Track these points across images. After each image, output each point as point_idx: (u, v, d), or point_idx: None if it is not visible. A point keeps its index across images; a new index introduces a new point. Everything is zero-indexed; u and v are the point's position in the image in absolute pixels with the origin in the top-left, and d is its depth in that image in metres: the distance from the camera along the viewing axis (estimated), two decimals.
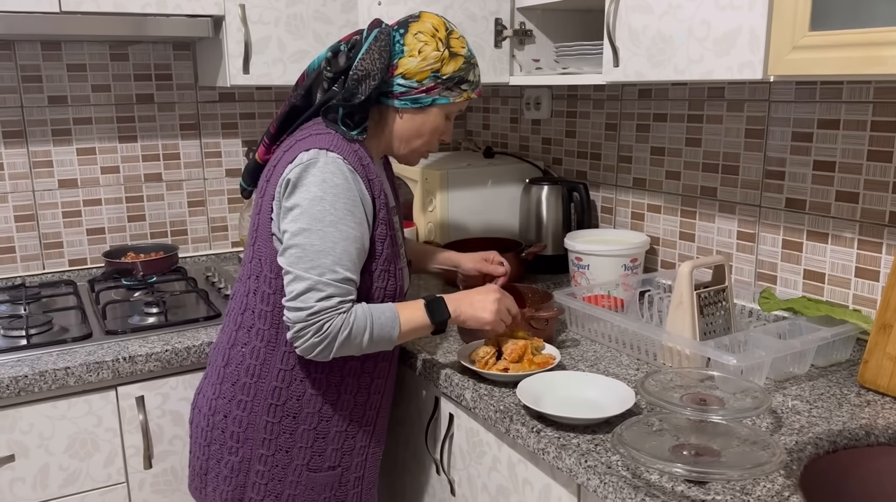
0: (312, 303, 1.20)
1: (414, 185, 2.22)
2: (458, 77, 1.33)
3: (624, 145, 2.04)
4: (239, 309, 1.36)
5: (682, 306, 1.44)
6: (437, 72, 1.30)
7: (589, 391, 1.33)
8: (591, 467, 1.10)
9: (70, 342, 1.63)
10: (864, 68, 1.08)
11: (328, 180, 1.22)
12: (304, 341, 1.22)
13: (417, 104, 1.32)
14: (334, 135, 1.28)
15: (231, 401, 1.34)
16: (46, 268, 2.14)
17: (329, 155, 1.24)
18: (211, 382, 1.39)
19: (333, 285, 1.21)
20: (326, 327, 1.21)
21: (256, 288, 1.32)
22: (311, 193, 1.22)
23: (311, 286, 1.20)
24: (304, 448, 1.34)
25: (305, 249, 1.21)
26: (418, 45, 1.29)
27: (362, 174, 1.27)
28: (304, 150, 1.25)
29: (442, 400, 1.51)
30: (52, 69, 2.07)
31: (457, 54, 1.32)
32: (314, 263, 1.21)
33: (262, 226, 1.31)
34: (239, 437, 1.34)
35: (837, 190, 1.54)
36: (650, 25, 1.43)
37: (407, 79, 1.30)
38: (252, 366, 1.33)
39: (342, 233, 1.22)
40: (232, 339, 1.36)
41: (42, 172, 2.10)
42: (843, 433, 1.20)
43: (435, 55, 1.30)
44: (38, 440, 1.54)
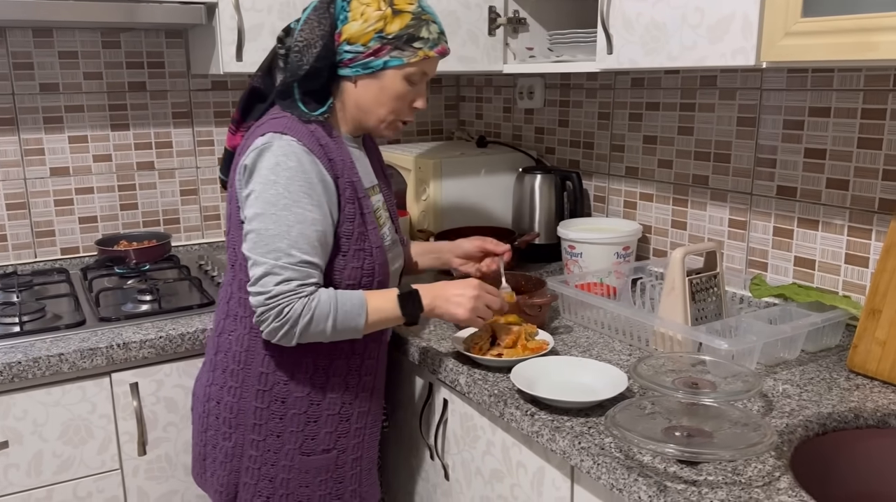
0: (271, 286, 1.19)
1: (407, 174, 2.22)
2: (407, 35, 1.27)
3: (616, 134, 2.05)
4: (225, 297, 1.37)
5: (675, 292, 1.46)
6: (380, 31, 1.26)
7: (582, 375, 1.34)
8: (584, 449, 1.11)
9: (63, 329, 1.62)
10: (856, 54, 1.09)
11: (281, 163, 1.21)
12: (266, 325, 1.21)
13: (369, 69, 1.28)
14: (289, 118, 1.26)
15: (222, 388, 1.35)
16: (38, 257, 2.14)
17: (283, 138, 1.22)
18: (206, 370, 1.40)
19: (290, 268, 1.20)
20: (286, 311, 1.20)
21: (234, 276, 1.33)
22: (264, 177, 1.21)
23: (268, 270, 1.20)
24: (296, 432, 1.34)
25: (261, 234, 1.21)
26: (361, 8, 1.26)
27: (321, 154, 1.25)
28: (259, 136, 1.24)
29: (436, 385, 1.52)
30: (43, 56, 2.06)
31: (402, 11, 1.27)
32: (270, 247, 1.20)
33: (234, 215, 1.31)
34: (231, 423, 1.34)
35: (828, 177, 1.56)
36: (644, 12, 1.44)
37: (352, 44, 1.27)
38: (238, 353, 1.33)
39: (297, 215, 1.21)
40: (220, 327, 1.37)
41: (34, 160, 2.09)
42: (833, 416, 1.21)
43: (377, 14, 1.25)
44: (31, 426, 1.54)
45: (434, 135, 2.68)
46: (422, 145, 2.42)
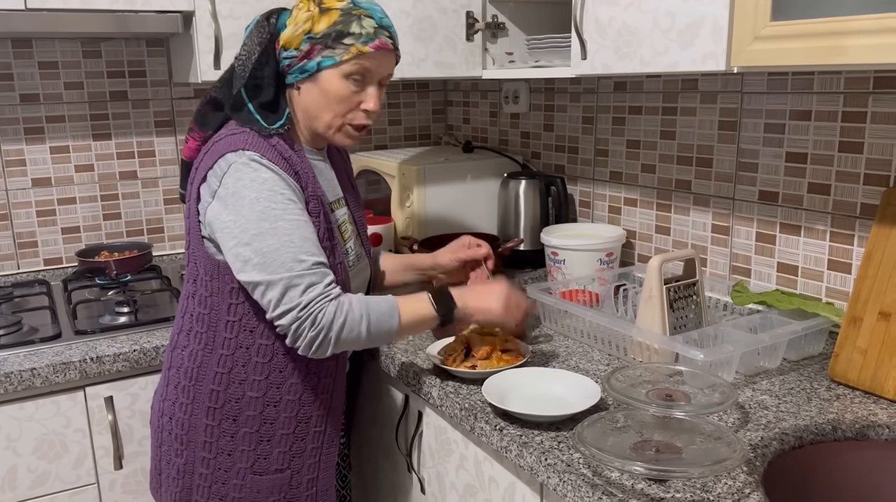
0: (298, 299, 1.16)
1: (391, 180, 2.20)
2: (335, 32, 1.22)
3: (600, 138, 2.03)
4: (180, 312, 1.34)
5: (652, 300, 1.43)
6: (308, 32, 1.23)
7: (555, 387, 1.32)
8: (550, 465, 1.08)
9: (38, 342, 1.61)
10: (826, 58, 1.06)
11: (256, 178, 1.18)
12: (303, 339, 1.17)
13: (305, 73, 1.25)
14: (248, 134, 1.23)
15: (174, 404, 1.32)
16: (21, 268, 2.13)
17: (245, 153, 1.20)
18: (161, 384, 1.38)
19: (309, 274, 1.17)
20: (320, 318, 1.16)
21: (194, 291, 1.30)
22: (246, 198, 1.17)
23: (287, 285, 1.16)
24: (247, 451, 1.30)
25: (264, 254, 1.16)
26: (294, 13, 1.25)
27: (285, 168, 1.23)
28: (219, 156, 1.21)
29: (411, 397, 1.50)
30: (23, 67, 2.05)
31: (329, 8, 1.23)
32: (279, 262, 1.16)
33: (193, 230, 1.27)
34: (182, 440, 1.31)
35: (809, 181, 1.53)
36: (616, 17, 1.41)
37: (287, 49, 1.25)
38: (190, 369, 1.30)
39: (292, 223, 1.18)
40: (174, 342, 1.35)
41: (15, 171, 2.08)
42: (810, 428, 1.19)
43: (305, 16, 1.23)
44: (5, 441, 1.53)
45: (422, 140, 2.66)
46: (408, 151, 2.40)
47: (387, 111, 2.58)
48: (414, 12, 1.80)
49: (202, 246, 1.27)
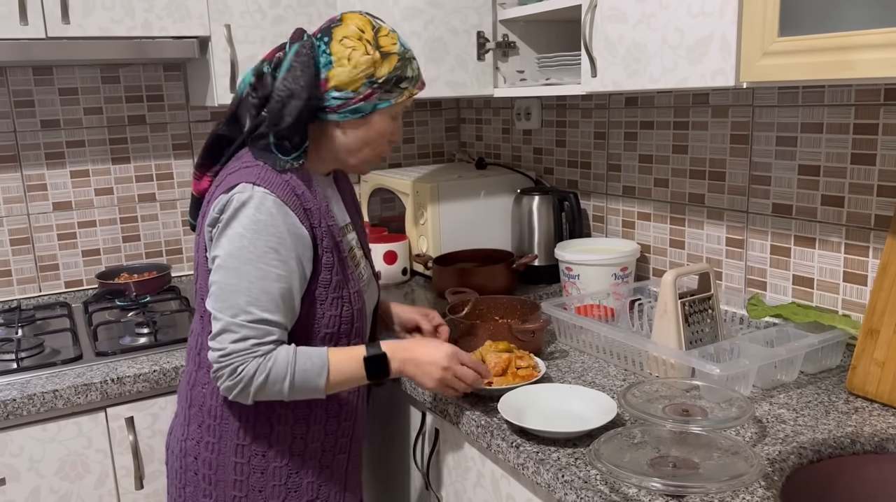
0: (226, 344, 1.15)
1: (405, 198, 2.22)
2: (396, 77, 1.23)
3: (613, 153, 2.04)
4: (195, 348, 1.31)
5: (667, 315, 1.43)
6: (371, 76, 1.21)
7: (572, 403, 1.32)
8: (567, 482, 1.09)
9: (60, 365, 1.64)
10: (834, 73, 1.07)
11: (250, 215, 1.16)
12: (221, 382, 1.17)
13: (358, 114, 1.24)
14: (262, 167, 1.20)
15: (199, 443, 1.29)
16: (42, 291, 2.16)
17: (255, 189, 1.17)
18: (179, 423, 1.33)
19: (247, 326, 1.14)
20: (240, 370, 1.15)
21: (203, 327, 1.28)
22: (232, 229, 1.16)
23: (224, 327, 1.15)
24: (278, 485, 1.28)
25: (222, 287, 1.15)
26: (346, 52, 1.21)
27: (296, 206, 1.19)
28: (230, 187, 1.19)
29: (428, 415, 1.50)
30: (44, 94, 2.09)
31: (389, 53, 1.23)
32: (228, 303, 1.15)
33: (201, 265, 1.25)
34: (211, 479, 1.28)
35: (823, 194, 1.53)
36: (625, 35, 1.43)
37: (341, 90, 1.22)
38: (213, 407, 1.27)
39: (261, 271, 1.15)
40: (192, 380, 1.31)
41: (36, 195, 2.12)
42: (828, 441, 1.18)
43: (366, 59, 1.21)
44: (28, 463, 1.55)
45: (435, 157, 2.68)
46: (421, 168, 2.42)
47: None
48: (426, 33, 1.82)
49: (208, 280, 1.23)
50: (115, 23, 1.79)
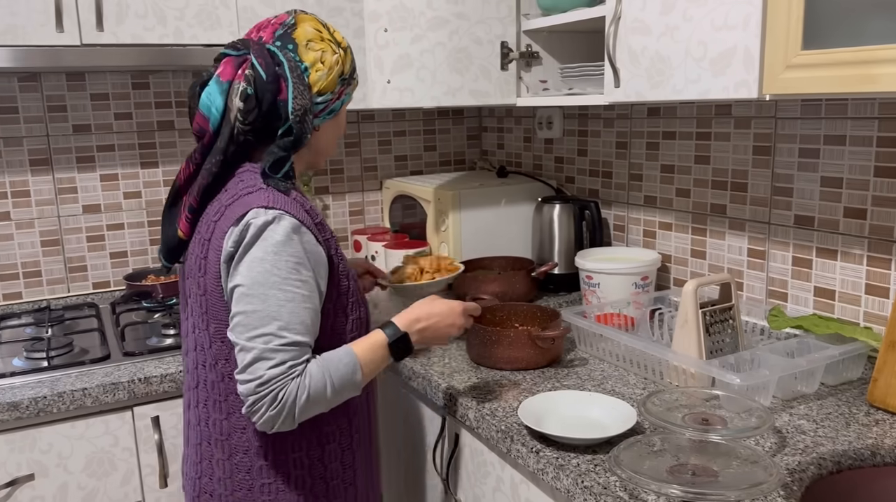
0: (263, 371, 1.09)
1: (427, 205, 2.24)
2: (352, 68, 1.29)
3: (634, 163, 2.05)
4: (220, 396, 1.22)
5: (688, 325, 1.44)
6: (342, 74, 1.25)
7: (592, 411, 1.33)
8: (587, 488, 1.10)
9: (88, 364, 1.67)
10: (857, 86, 1.08)
11: (268, 238, 1.12)
12: (261, 415, 1.10)
13: (333, 113, 1.27)
14: (268, 191, 1.16)
15: (251, 490, 1.22)
16: (71, 291, 2.21)
17: (270, 212, 1.13)
18: (217, 479, 1.24)
19: (283, 350, 1.10)
20: (281, 396, 1.09)
21: (231, 369, 1.19)
22: (252, 255, 1.12)
23: (257, 355, 1.09)
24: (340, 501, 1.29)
25: (248, 315, 1.10)
26: (318, 55, 1.21)
27: (309, 223, 1.17)
28: (240, 216, 1.14)
29: (448, 419, 1.52)
30: (76, 99, 2.14)
31: (345, 48, 1.27)
32: (259, 330, 1.10)
33: (215, 307, 1.18)
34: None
35: (845, 206, 1.53)
36: (649, 46, 1.44)
37: (324, 94, 1.23)
38: (262, 448, 1.22)
39: (287, 294, 1.11)
40: (224, 429, 1.23)
41: (67, 198, 2.17)
42: (849, 453, 1.18)
43: (335, 59, 1.23)
44: (56, 459, 1.58)
45: (457, 165, 2.70)
46: (443, 176, 2.44)
47: (422, 137, 2.63)
48: (450, 43, 1.85)
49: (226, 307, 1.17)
50: (147, 30, 1.84)
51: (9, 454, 1.54)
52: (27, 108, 2.09)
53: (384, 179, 2.54)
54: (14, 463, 1.55)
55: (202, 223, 1.21)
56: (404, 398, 1.71)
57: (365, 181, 2.57)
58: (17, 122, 2.08)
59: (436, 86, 1.84)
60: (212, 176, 1.20)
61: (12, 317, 2.05)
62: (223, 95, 1.18)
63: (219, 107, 1.18)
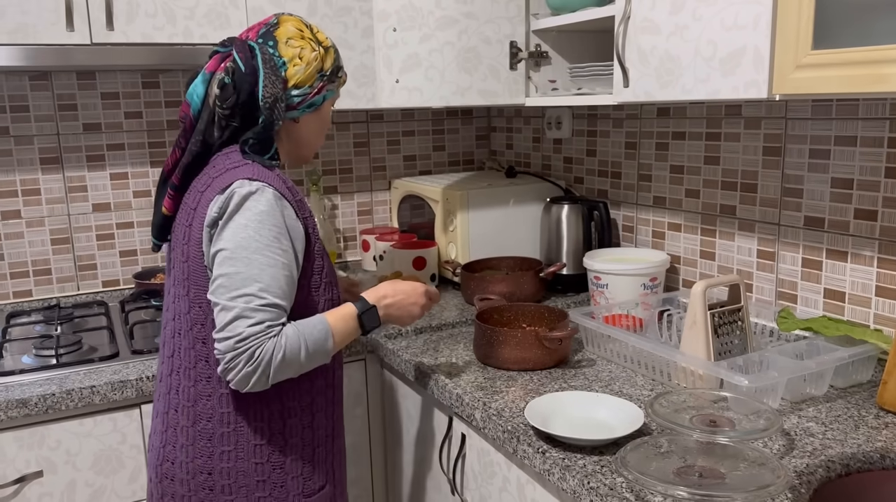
0: (242, 328, 1.15)
1: (435, 205, 2.24)
2: (335, 66, 1.37)
3: (644, 163, 2.04)
4: (190, 362, 1.28)
5: (696, 326, 1.43)
6: (321, 70, 1.33)
7: (599, 412, 1.33)
8: (593, 488, 1.10)
9: (97, 361, 1.68)
10: (867, 86, 1.07)
11: (251, 208, 1.20)
12: (237, 372, 1.16)
13: (314, 107, 1.35)
14: (253, 165, 1.26)
15: (212, 457, 1.27)
16: (81, 289, 2.22)
17: (254, 184, 1.21)
18: (180, 446, 1.29)
19: (262, 310, 1.17)
20: (258, 353, 1.16)
21: (206, 336, 1.26)
22: (236, 223, 1.20)
23: (238, 314, 1.16)
24: (297, 477, 1.31)
25: (231, 277, 1.17)
26: (296, 52, 1.30)
27: (290, 198, 1.25)
28: (226, 186, 1.22)
29: (455, 419, 1.52)
30: (86, 98, 2.15)
31: (328, 47, 1.35)
32: (240, 291, 1.17)
33: (196, 273, 1.25)
34: (230, 489, 1.28)
35: (856, 207, 1.52)
36: (658, 46, 1.44)
37: (300, 87, 1.31)
38: (225, 415, 1.27)
39: (269, 259, 1.19)
40: (191, 395, 1.28)
41: (77, 197, 2.18)
42: (857, 456, 1.17)
43: (314, 56, 1.32)
44: (65, 456, 1.59)
45: (465, 165, 2.70)
46: (451, 176, 2.44)
47: (431, 137, 2.63)
48: (459, 43, 1.84)
49: (208, 288, 1.24)
50: (157, 30, 1.84)
51: (18, 451, 1.55)
52: (38, 107, 2.10)
53: (393, 179, 2.54)
54: (23, 460, 1.56)
55: (189, 194, 1.30)
56: (411, 397, 1.71)
57: (374, 181, 2.57)
58: (28, 121, 2.10)
59: (444, 85, 1.84)
60: (192, 155, 1.30)
61: (22, 314, 2.06)
62: (205, 84, 1.29)
63: (200, 94, 1.29)
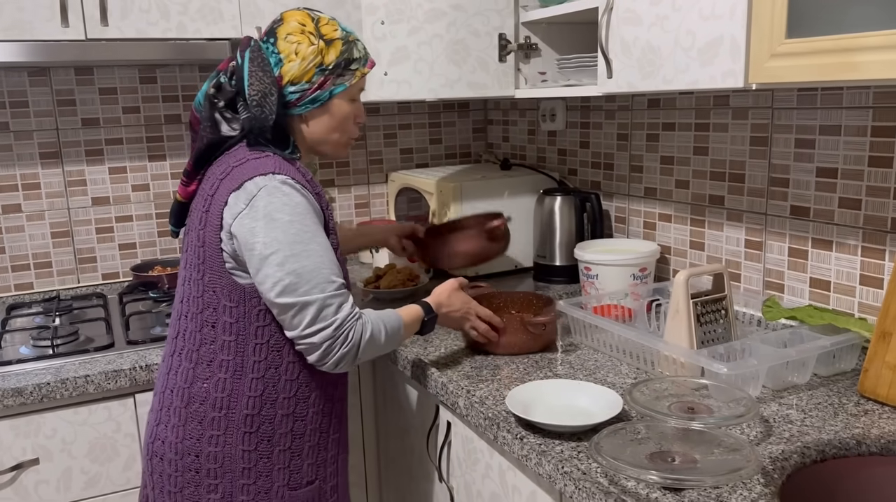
0: (332, 317, 1.22)
1: (430, 198, 2.25)
2: (344, 60, 1.32)
3: (635, 155, 2.05)
4: (193, 345, 1.31)
5: (679, 315, 1.44)
6: (320, 65, 1.30)
7: (580, 399, 1.34)
8: (567, 473, 1.11)
9: (92, 352, 1.71)
10: (839, 74, 1.08)
11: (288, 202, 1.23)
12: (333, 355, 1.24)
13: (317, 103, 1.32)
14: (274, 157, 1.28)
15: (200, 440, 1.29)
16: (81, 282, 2.25)
17: (276, 177, 1.24)
18: (171, 426, 1.31)
19: (339, 295, 1.24)
20: (351, 335, 1.24)
21: (216, 319, 1.28)
22: (280, 221, 1.21)
23: (321, 305, 1.22)
24: (283, 468, 1.32)
25: (300, 274, 1.21)
26: (293, 48, 1.28)
27: (311, 190, 1.29)
28: (247, 179, 1.24)
29: (441, 408, 1.54)
30: (85, 93, 2.18)
31: (332, 39, 1.31)
32: (313, 283, 1.22)
33: (210, 259, 1.27)
34: (216, 473, 1.29)
35: (840, 196, 1.52)
36: (640, 37, 1.45)
37: (296, 83, 1.30)
38: (218, 400, 1.28)
39: (322, 245, 1.25)
40: (189, 377, 1.30)
41: (76, 191, 2.21)
42: (833, 442, 1.18)
43: (312, 50, 1.29)
44: (60, 444, 1.62)
45: (462, 158, 2.72)
46: (447, 168, 2.46)
47: (428, 130, 2.64)
48: (448, 35, 1.86)
49: (224, 272, 1.27)
50: (150, 25, 1.87)
51: (14, 439, 1.59)
52: (37, 103, 2.13)
53: (389, 172, 2.56)
54: (19, 448, 1.59)
55: (207, 181, 1.31)
56: (401, 385, 1.73)
57: (371, 174, 2.59)
58: (28, 116, 2.13)
59: (433, 78, 1.85)
60: (204, 141, 1.32)
61: (23, 306, 2.10)
62: (210, 82, 1.33)
63: (203, 91, 1.33)
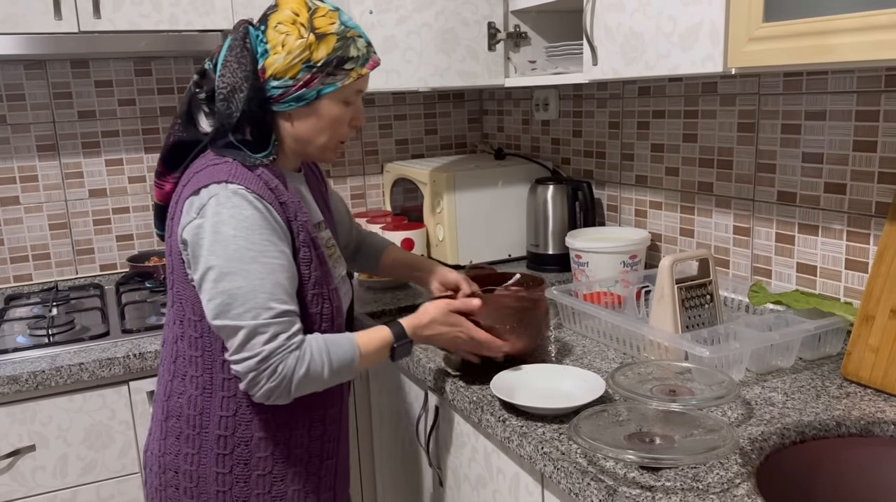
0: (259, 347, 1.10)
1: (424, 188, 2.27)
2: (336, 58, 1.17)
3: (626, 143, 2.05)
4: (170, 357, 1.25)
5: (664, 300, 1.45)
6: (308, 61, 1.16)
7: (564, 383, 1.35)
8: (546, 454, 1.13)
9: (87, 340, 1.73)
10: (815, 57, 1.08)
11: (236, 214, 1.11)
12: (259, 388, 1.12)
13: (302, 101, 1.18)
14: (231, 164, 1.16)
15: (178, 456, 1.23)
16: (79, 273, 2.28)
17: (229, 187, 1.13)
18: (155, 438, 1.27)
19: (274, 323, 1.11)
20: (280, 369, 1.11)
21: (182, 333, 1.22)
22: (222, 234, 1.11)
23: (250, 332, 1.10)
24: (263, 494, 1.23)
25: (233, 295, 1.10)
26: (280, 38, 1.15)
27: (271, 199, 1.16)
28: (202, 186, 1.14)
29: (429, 393, 1.56)
30: (81, 86, 2.20)
31: (325, 34, 1.16)
32: (246, 307, 1.10)
33: (177, 269, 1.20)
34: (192, 492, 1.23)
35: (826, 181, 1.53)
36: (623, 23, 1.45)
37: (279, 78, 1.16)
38: (191, 417, 1.22)
39: (267, 265, 1.12)
40: (168, 390, 1.25)
41: (73, 183, 2.24)
42: (813, 424, 1.19)
43: (300, 44, 1.15)
44: (56, 431, 1.65)
45: (458, 148, 2.73)
46: (441, 159, 2.47)
47: (423, 121, 2.65)
48: (437, 24, 1.87)
49: (187, 284, 1.19)
50: (143, 17, 1.88)
51: (10, 425, 1.61)
52: (34, 96, 2.16)
53: (385, 163, 2.57)
54: (16, 435, 1.62)
55: (178, 186, 1.24)
56: (392, 371, 1.74)
57: (366, 165, 2.60)
58: (25, 109, 2.15)
59: (422, 67, 1.86)
60: (173, 144, 1.24)
61: (22, 297, 2.13)
62: (197, 72, 1.25)
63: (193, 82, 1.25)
